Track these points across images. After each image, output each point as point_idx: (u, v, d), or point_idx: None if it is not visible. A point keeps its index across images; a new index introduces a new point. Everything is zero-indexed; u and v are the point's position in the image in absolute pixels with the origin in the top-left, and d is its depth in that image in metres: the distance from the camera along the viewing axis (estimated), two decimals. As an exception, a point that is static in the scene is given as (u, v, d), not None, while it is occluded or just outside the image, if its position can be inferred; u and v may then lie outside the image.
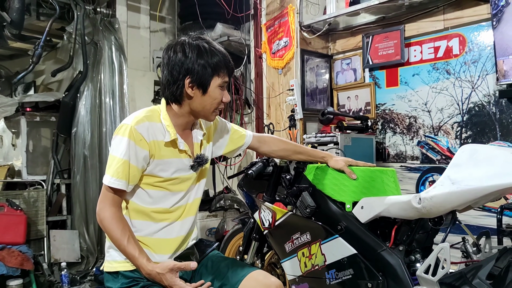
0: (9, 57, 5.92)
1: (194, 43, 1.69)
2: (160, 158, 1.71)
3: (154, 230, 1.75)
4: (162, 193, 1.75)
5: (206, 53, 1.67)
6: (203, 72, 1.66)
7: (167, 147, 1.73)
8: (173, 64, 1.68)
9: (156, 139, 1.70)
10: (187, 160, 1.78)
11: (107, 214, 1.65)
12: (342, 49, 4.01)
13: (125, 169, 1.63)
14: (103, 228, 1.67)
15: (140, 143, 1.65)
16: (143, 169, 1.69)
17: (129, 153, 1.63)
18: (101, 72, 4.20)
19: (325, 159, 2.16)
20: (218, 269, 1.81)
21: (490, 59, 3.10)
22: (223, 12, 4.14)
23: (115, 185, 1.64)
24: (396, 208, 1.87)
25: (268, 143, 2.17)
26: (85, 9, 4.19)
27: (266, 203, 2.34)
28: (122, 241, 1.62)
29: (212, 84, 1.69)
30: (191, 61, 1.66)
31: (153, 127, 1.70)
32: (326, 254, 2.05)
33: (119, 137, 1.66)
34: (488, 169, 1.62)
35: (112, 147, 1.69)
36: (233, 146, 2.09)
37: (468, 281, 1.72)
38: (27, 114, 4.45)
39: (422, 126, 3.49)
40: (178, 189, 1.78)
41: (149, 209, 1.74)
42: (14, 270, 3.41)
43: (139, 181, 1.71)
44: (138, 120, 1.67)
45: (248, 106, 4.41)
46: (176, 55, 1.68)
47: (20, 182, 4.35)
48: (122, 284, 1.69)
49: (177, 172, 1.76)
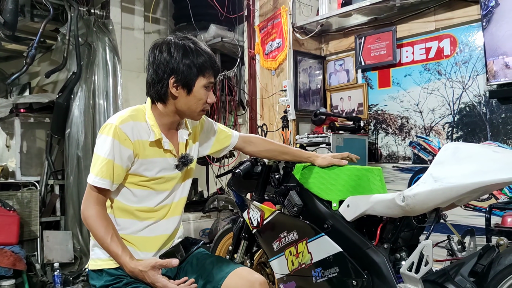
0: (5, 59, 5.93)
1: (180, 42, 1.70)
2: (145, 157, 1.72)
3: (138, 228, 1.76)
4: (146, 192, 1.76)
5: (191, 53, 1.68)
6: (188, 72, 1.67)
7: (152, 147, 1.73)
8: (158, 63, 1.69)
9: (140, 139, 1.70)
10: (172, 160, 1.79)
11: (91, 212, 1.66)
12: (335, 50, 4.02)
13: (109, 168, 1.64)
14: (88, 227, 1.68)
15: (124, 142, 1.66)
16: (128, 168, 1.70)
17: (114, 153, 1.64)
18: (95, 73, 4.21)
19: (310, 159, 2.18)
20: (203, 266, 1.82)
21: (481, 59, 3.12)
22: (216, 14, 4.15)
23: (99, 184, 1.65)
24: (381, 206, 1.88)
25: (254, 144, 2.19)
26: (79, 10, 4.19)
27: (255, 202, 2.35)
28: (105, 239, 1.63)
29: (197, 84, 1.70)
30: (176, 60, 1.67)
31: (137, 126, 1.70)
32: (313, 253, 2.06)
33: (104, 136, 1.67)
34: (470, 167, 1.63)
35: (97, 146, 1.69)
36: (219, 146, 2.10)
37: (451, 278, 1.74)
38: (21, 115, 4.45)
39: (414, 126, 3.50)
40: (163, 188, 1.79)
41: (133, 207, 1.75)
42: (7, 270, 3.41)
43: (124, 180, 1.72)
44: (122, 120, 1.68)
45: (242, 107, 4.42)
46: (162, 54, 1.69)
47: (14, 183, 4.35)
48: (106, 281, 1.69)
49: (162, 171, 1.76)
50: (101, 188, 1.66)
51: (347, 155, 2.17)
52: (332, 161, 2.13)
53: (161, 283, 1.59)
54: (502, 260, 1.69)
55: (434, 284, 1.78)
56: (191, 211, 4.18)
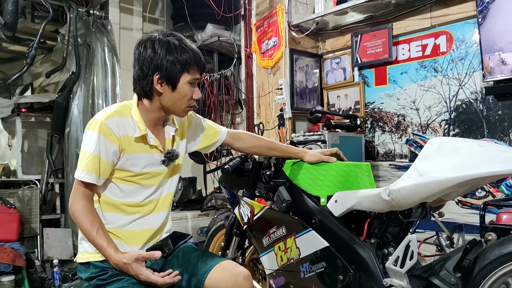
0: (8, 60, 6.00)
1: (164, 39, 1.71)
2: (130, 152, 1.74)
3: (125, 222, 1.78)
4: (133, 187, 1.78)
5: (175, 49, 1.69)
6: (172, 69, 1.68)
7: (138, 142, 1.75)
8: (143, 60, 1.70)
9: (126, 134, 1.72)
10: (158, 155, 1.81)
11: (78, 206, 1.68)
12: (332, 48, 4.02)
13: (95, 163, 1.66)
14: (75, 220, 1.71)
15: (109, 137, 1.68)
16: (114, 164, 1.72)
17: (99, 148, 1.66)
18: (94, 73, 4.25)
19: (299, 155, 2.19)
20: (188, 260, 1.84)
21: (477, 56, 3.11)
22: (213, 13, 4.17)
23: (85, 179, 1.67)
24: (367, 201, 1.88)
25: (242, 140, 2.20)
26: (78, 11, 4.24)
27: (245, 198, 2.36)
28: (91, 233, 1.66)
29: (181, 80, 1.71)
30: (160, 57, 1.68)
31: (123, 122, 1.73)
32: (301, 248, 2.07)
33: (90, 132, 1.69)
34: (454, 161, 1.63)
35: (83, 141, 1.72)
36: (208, 142, 2.11)
37: (436, 273, 1.74)
38: (22, 115, 4.51)
39: (410, 124, 3.49)
40: (149, 183, 1.81)
41: (119, 202, 1.77)
42: (6, 266, 3.45)
43: (110, 175, 1.74)
44: (108, 116, 1.70)
45: (239, 106, 4.43)
46: (146, 51, 1.70)
47: (15, 181, 4.41)
48: (92, 273, 1.72)
49: (148, 167, 1.78)
50: (87, 183, 1.68)
51: (336, 151, 2.18)
52: (321, 157, 2.14)
53: (144, 275, 1.62)
54: (487, 254, 1.69)
55: (420, 279, 1.78)
56: (189, 210, 4.20)
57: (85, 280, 1.76)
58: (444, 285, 1.69)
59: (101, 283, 1.70)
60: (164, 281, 1.62)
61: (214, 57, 4.56)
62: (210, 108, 4.28)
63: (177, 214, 4.05)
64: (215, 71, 4.41)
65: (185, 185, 4.29)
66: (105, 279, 1.70)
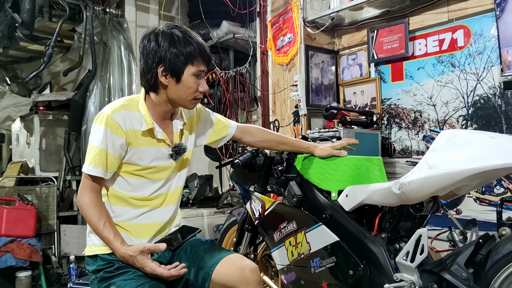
0: (27, 60, 6.10)
1: (168, 31, 1.71)
2: (137, 146, 1.74)
3: (133, 216, 1.79)
4: (141, 181, 1.78)
5: (179, 41, 1.69)
6: (176, 61, 1.68)
7: (145, 136, 1.76)
8: (147, 53, 1.71)
9: (133, 128, 1.73)
10: (166, 149, 1.81)
11: (85, 200, 1.69)
12: (348, 44, 3.98)
13: (102, 157, 1.67)
14: (82, 213, 1.73)
15: (116, 131, 1.68)
16: (121, 157, 1.73)
17: (106, 142, 1.67)
18: (110, 71, 4.28)
19: (309, 149, 2.17)
20: (196, 253, 1.83)
21: (495, 50, 3.04)
22: (228, 11, 4.17)
23: (92, 173, 1.68)
24: (378, 195, 1.86)
25: (252, 134, 2.19)
26: (94, 9, 4.28)
27: (256, 193, 2.35)
28: (98, 225, 1.67)
29: (186, 72, 1.71)
30: (164, 49, 1.68)
31: (129, 115, 1.73)
32: (311, 243, 2.05)
33: (97, 125, 1.70)
34: (465, 153, 1.60)
35: (91, 135, 1.73)
36: (217, 136, 2.11)
37: (447, 267, 1.70)
38: (40, 113, 4.59)
39: (427, 120, 3.43)
40: (157, 177, 1.81)
41: (128, 195, 1.78)
42: (23, 261, 3.50)
43: (118, 169, 1.75)
44: (114, 109, 1.71)
45: (255, 103, 4.42)
46: (150, 43, 1.71)
47: (33, 179, 4.48)
48: (99, 266, 1.74)
49: (155, 160, 1.78)
50: (94, 176, 1.69)
51: (346, 143, 2.16)
52: (331, 152, 2.12)
53: (150, 268, 1.62)
54: (500, 249, 1.65)
55: (431, 273, 1.75)
56: (205, 207, 4.20)
57: (92, 273, 1.77)
58: (455, 280, 1.66)
59: (107, 275, 1.71)
60: (170, 273, 1.62)
61: (230, 55, 4.56)
62: (225, 105, 4.28)
63: (193, 211, 4.06)
64: (231, 69, 4.41)
65: (201, 183, 4.29)
66: (111, 272, 1.71)
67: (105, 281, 1.70)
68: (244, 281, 1.72)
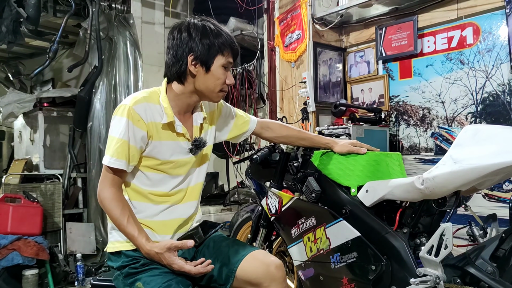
0: (30, 56, 6.06)
1: (199, 23, 1.71)
2: (158, 139, 1.72)
3: (154, 212, 1.76)
4: (160, 176, 1.76)
5: (211, 32, 1.69)
6: (207, 50, 1.67)
7: (165, 129, 1.73)
8: (178, 44, 1.70)
9: (154, 121, 1.70)
10: (185, 144, 1.78)
11: (107, 194, 1.66)
12: (356, 41, 3.98)
13: (124, 149, 1.64)
14: (104, 209, 1.70)
15: (138, 123, 1.66)
16: (142, 150, 1.70)
17: (128, 133, 1.65)
18: (116, 67, 4.26)
19: (329, 145, 2.15)
20: (219, 249, 1.82)
21: (505, 47, 3.05)
22: (236, 7, 4.16)
23: (115, 165, 1.65)
24: (400, 191, 1.85)
25: (272, 129, 2.17)
26: (100, 5, 4.26)
27: (273, 189, 2.34)
28: (122, 221, 1.64)
29: (216, 62, 1.70)
30: (195, 40, 1.68)
31: (151, 108, 1.71)
32: (331, 238, 2.04)
33: (118, 117, 1.68)
34: (490, 148, 1.59)
35: (111, 127, 1.70)
36: (238, 131, 2.09)
37: (472, 262, 1.70)
38: (44, 110, 4.55)
39: (435, 117, 3.44)
40: (177, 172, 1.78)
41: (147, 191, 1.75)
42: (30, 260, 3.48)
43: (138, 163, 1.72)
44: (136, 101, 1.68)
45: (262, 100, 4.41)
46: (181, 34, 1.70)
47: (38, 176, 4.44)
48: (124, 262, 1.71)
49: (175, 155, 1.76)
50: (116, 169, 1.66)
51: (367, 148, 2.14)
52: (351, 149, 2.09)
53: (177, 265, 1.60)
54: (524, 243, 1.65)
55: (455, 268, 1.75)
56: (212, 204, 4.20)
57: (117, 269, 1.74)
58: (480, 274, 1.65)
59: (133, 271, 1.68)
60: (198, 270, 1.60)
61: (237, 49, 4.54)
62: (233, 102, 4.26)
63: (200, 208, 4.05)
64: (238, 65, 4.40)
65: (208, 180, 4.28)
66: (137, 268, 1.68)
67: (131, 277, 1.68)
68: (269, 277, 1.71)
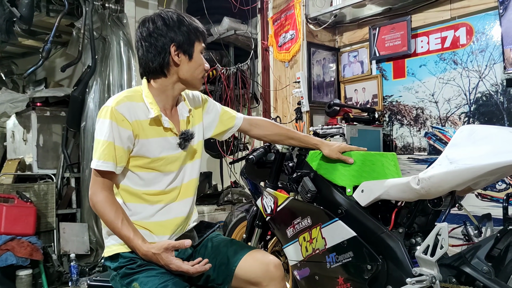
0: (22, 55, 6.03)
1: (169, 13, 1.73)
2: (145, 137, 1.70)
3: (150, 213, 1.75)
4: (153, 174, 1.74)
5: (185, 20, 1.72)
6: (187, 38, 1.70)
7: (151, 126, 1.71)
8: (156, 36, 1.69)
9: (138, 119, 1.68)
10: (174, 139, 1.77)
11: (99, 198, 1.65)
12: (349, 41, 4.00)
13: (110, 150, 1.63)
14: (97, 213, 1.69)
15: (122, 123, 1.64)
16: (129, 150, 1.69)
17: (113, 135, 1.63)
18: (110, 67, 4.24)
19: (317, 146, 2.13)
20: (217, 248, 1.82)
21: (498, 48, 3.07)
22: (230, 7, 4.16)
23: (103, 168, 1.63)
24: (396, 190, 1.86)
25: (260, 127, 2.14)
26: (93, 4, 4.24)
27: (268, 189, 2.34)
28: (116, 224, 1.64)
29: (196, 49, 1.73)
30: (174, 29, 1.69)
31: (134, 106, 1.69)
32: (327, 238, 2.05)
33: (102, 119, 1.66)
34: (486, 148, 1.61)
35: (96, 130, 1.68)
36: (223, 127, 2.06)
37: (467, 261, 1.71)
38: (37, 109, 4.52)
39: (429, 117, 3.46)
40: (169, 169, 1.77)
41: (141, 191, 1.73)
42: (24, 260, 3.46)
43: (128, 163, 1.71)
44: (118, 101, 1.67)
45: (256, 100, 4.41)
46: (156, 24, 1.70)
47: (31, 176, 4.42)
48: (121, 263, 1.70)
49: (164, 151, 1.74)
50: (105, 172, 1.65)
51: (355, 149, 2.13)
52: (340, 156, 2.05)
53: (175, 265, 1.60)
54: (519, 243, 1.67)
55: (450, 267, 1.76)
56: (205, 204, 4.20)
57: (114, 270, 1.73)
58: (476, 274, 1.67)
59: (130, 271, 1.68)
60: (196, 269, 1.60)
61: (231, 51, 4.55)
62: (226, 102, 4.26)
63: (193, 208, 4.05)
64: (232, 65, 4.40)
65: (201, 180, 4.26)
66: (133, 268, 1.67)
67: (128, 277, 1.67)
68: (268, 276, 1.71)
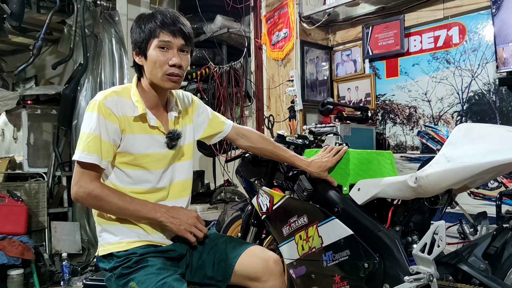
0: (11, 53, 5.95)
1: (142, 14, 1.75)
2: (131, 133, 1.68)
3: None
4: (139, 172, 1.71)
5: (144, 19, 1.71)
6: (139, 37, 1.69)
7: (137, 122, 1.70)
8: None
9: (125, 114, 1.67)
10: (161, 137, 1.75)
11: (91, 187, 1.60)
12: (342, 40, 4.00)
13: (96, 143, 1.60)
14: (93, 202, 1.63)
15: (109, 117, 1.62)
16: (116, 145, 1.66)
17: (100, 128, 1.60)
18: (101, 65, 4.20)
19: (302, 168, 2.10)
20: (215, 245, 1.81)
21: (490, 47, 3.10)
22: (223, 5, 4.15)
23: (86, 159, 1.59)
24: (393, 189, 1.86)
25: (248, 138, 2.11)
26: (85, 1, 4.20)
27: (264, 187, 2.34)
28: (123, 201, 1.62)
29: (150, 47, 1.68)
30: (132, 31, 1.73)
31: (122, 102, 1.68)
32: (323, 236, 2.05)
33: (89, 113, 1.63)
34: (483, 146, 1.61)
35: (82, 124, 1.65)
36: (212, 131, 2.04)
37: (464, 259, 1.72)
38: (28, 107, 4.48)
39: (422, 116, 3.48)
40: (155, 167, 1.74)
41: (128, 189, 1.71)
42: (15, 259, 3.42)
43: (114, 160, 1.68)
44: (106, 95, 1.65)
45: (248, 98, 4.40)
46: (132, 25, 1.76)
47: (22, 174, 4.37)
48: (116, 262, 1.67)
49: (150, 148, 1.72)
50: (89, 164, 1.60)
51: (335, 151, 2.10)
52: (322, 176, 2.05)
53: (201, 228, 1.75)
54: (516, 241, 1.68)
55: (447, 265, 1.76)
56: (198, 203, 4.18)
57: (109, 271, 1.70)
58: (473, 271, 1.67)
59: (126, 271, 1.65)
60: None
61: (224, 49, 4.52)
62: (219, 100, 4.24)
63: (186, 207, 4.03)
64: (225, 63, 4.38)
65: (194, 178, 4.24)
66: (130, 267, 1.64)
67: (124, 277, 1.64)
68: (267, 272, 1.71)
